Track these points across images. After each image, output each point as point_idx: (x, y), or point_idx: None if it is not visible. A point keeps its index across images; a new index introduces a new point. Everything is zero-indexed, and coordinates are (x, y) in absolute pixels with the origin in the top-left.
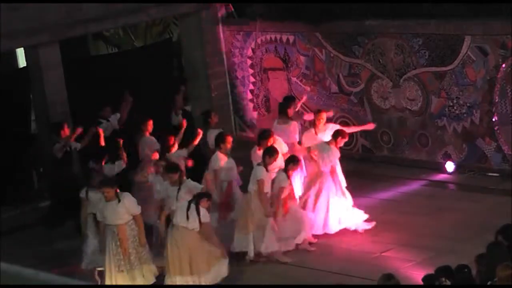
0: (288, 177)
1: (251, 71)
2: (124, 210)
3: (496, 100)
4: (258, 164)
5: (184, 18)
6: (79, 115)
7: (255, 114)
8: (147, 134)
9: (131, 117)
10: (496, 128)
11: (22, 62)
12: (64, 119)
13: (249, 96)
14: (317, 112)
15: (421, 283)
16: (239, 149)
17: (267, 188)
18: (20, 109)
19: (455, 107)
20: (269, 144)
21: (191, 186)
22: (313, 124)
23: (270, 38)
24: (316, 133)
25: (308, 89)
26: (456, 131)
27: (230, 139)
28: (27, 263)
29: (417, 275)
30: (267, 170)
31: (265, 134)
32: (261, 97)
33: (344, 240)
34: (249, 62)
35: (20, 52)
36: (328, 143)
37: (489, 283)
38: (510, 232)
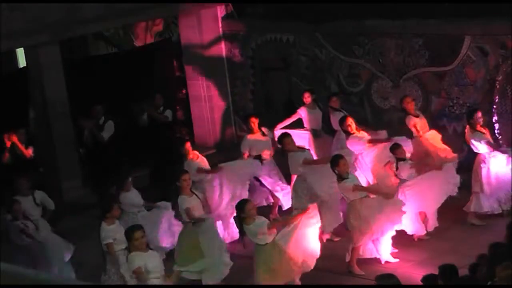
0: None
1: (251, 71)
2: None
3: (496, 100)
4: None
5: (184, 18)
6: (79, 115)
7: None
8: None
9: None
10: (496, 128)
11: (22, 62)
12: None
13: (249, 96)
14: None
15: (421, 283)
16: (239, 149)
17: None
18: (19, 109)
19: (455, 107)
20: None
21: None
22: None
23: (270, 38)
24: None
25: None
26: (456, 131)
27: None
28: None
29: (417, 275)
30: None
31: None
32: (261, 97)
33: (344, 240)
34: (249, 62)
35: (20, 52)
36: None
37: (489, 283)
38: (511, 232)
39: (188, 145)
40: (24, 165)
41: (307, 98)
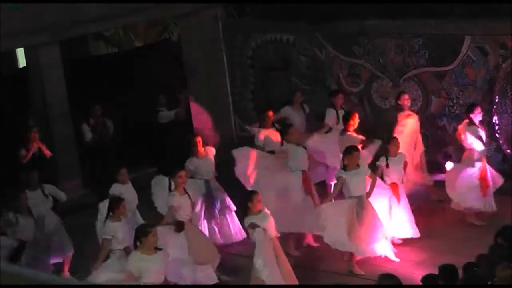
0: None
1: (251, 71)
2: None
3: (496, 100)
4: None
5: (184, 18)
6: (78, 115)
7: (255, 114)
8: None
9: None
10: (496, 128)
11: (22, 62)
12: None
13: (249, 96)
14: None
15: (421, 283)
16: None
17: None
18: (19, 109)
19: (455, 107)
20: None
21: None
22: None
23: (270, 38)
24: None
25: None
26: (456, 131)
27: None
28: None
29: (417, 275)
30: None
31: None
32: (261, 97)
33: None
34: (249, 62)
35: (20, 52)
36: None
37: (489, 283)
38: (510, 234)
39: (199, 138)
40: (38, 163)
41: (298, 98)
